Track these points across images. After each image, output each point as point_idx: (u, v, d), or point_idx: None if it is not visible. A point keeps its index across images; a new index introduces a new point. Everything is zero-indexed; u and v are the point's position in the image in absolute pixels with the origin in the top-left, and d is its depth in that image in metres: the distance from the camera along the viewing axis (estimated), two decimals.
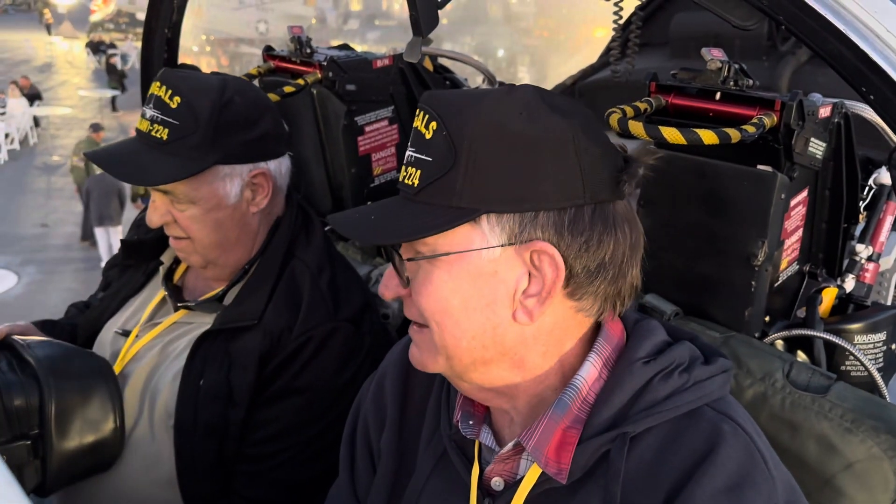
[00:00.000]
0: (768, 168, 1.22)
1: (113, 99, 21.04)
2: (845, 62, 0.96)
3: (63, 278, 10.62)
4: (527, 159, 0.87)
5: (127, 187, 10.97)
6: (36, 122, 17.83)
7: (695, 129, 1.13)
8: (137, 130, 1.47)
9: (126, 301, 1.73)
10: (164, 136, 1.41)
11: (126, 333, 1.63)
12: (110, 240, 10.86)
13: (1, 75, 21.94)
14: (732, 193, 1.25)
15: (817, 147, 1.28)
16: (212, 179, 1.47)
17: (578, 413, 0.93)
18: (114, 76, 22.61)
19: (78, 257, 11.18)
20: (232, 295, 1.56)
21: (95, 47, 27.45)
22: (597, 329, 0.99)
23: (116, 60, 23.60)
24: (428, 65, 2.07)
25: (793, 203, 1.29)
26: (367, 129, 1.93)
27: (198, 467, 1.45)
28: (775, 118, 1.18)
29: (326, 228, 2.06)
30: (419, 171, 0.90)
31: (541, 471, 0.94)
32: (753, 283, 1.27)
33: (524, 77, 17.82)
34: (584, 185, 0.89)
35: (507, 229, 0.89)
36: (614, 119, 1.19)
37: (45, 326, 1.76)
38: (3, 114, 16.54)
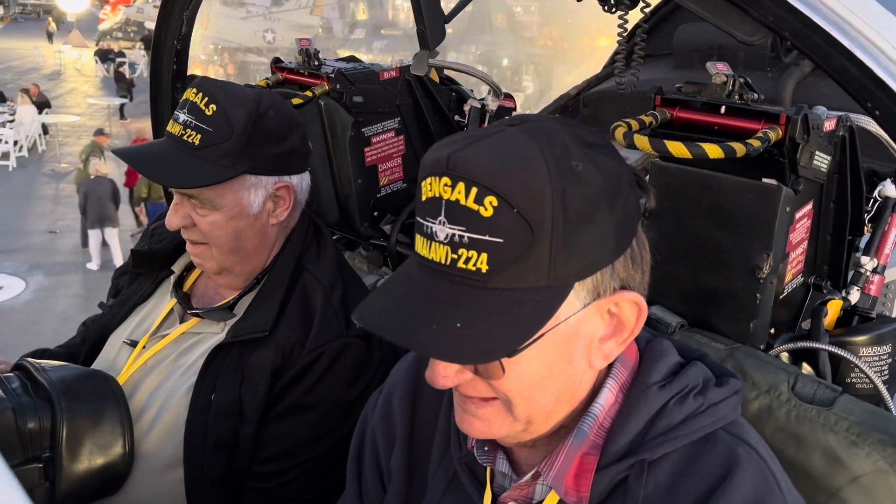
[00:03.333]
0: (773, 181, 1.23)
1: (121, 107, 21.15)
2: (850, 77, 0.97)
3: (70, 284, 10.66)
4: (601, 216, 0.82)
5: (123, 192, 11.09)
6: (44, 129, 17.93)
7: (700, 144, 1.14)
8: (168, 133, 1.49)
9: (134, 309, 1.74)
10: (197, 142, 1.43)
11: (133, 343, 1.64)
12: (106, 239, 10.97)
13: (10, 83, 22.07)
14: (737, 206, 1.26)
15: (822, 160, 1.28)
16: (238, 188, 1.48)
17: (595, 439, 0.94)
18: (122, 84, 22.74)
19: (84, 263, 11.22)
20: (243, 305, 1.57)
21: (104, 55, 27.62)
22: None
23: (125, 69, 23.74)
24: (434, 76, 2.08)
25: (798, 216, 1.29)
26: (374, 140, 1.94)
27: (206, 483, 1.46)
28: (780, 132, 1.19)
29: (335, 237, 2.08)
30: (485, 255, 0.79)
31: (558, 498, 0.94)
32: (758, 295, 1.27)
33: (529, 87, 17.86)
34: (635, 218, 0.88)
35: (590, 289, 0.85)
36: (620, 132, 1.20)
37: (36, 356, 1.76)
38: (12, 121, 16.64)
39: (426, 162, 0.85)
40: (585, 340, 0.88)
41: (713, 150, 1.13)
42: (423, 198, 0.84)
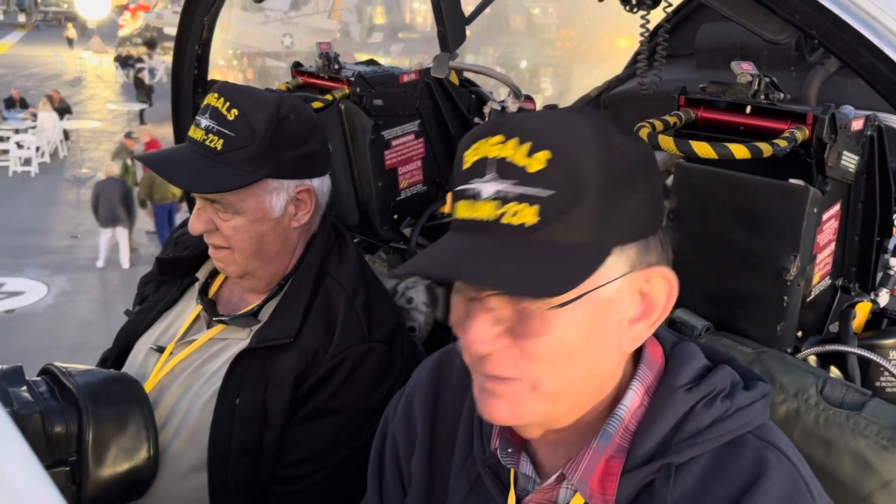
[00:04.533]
0: (800, 182, 1.21)
1: (141, 112, 21.36)
2: (879, 76, 0.96)
3: (91, 289, 10.78)
4: (639, 183, 0.85)
5: (133, 192, 11.29)
6: (66, 135, 18.14)
7: (726, 144, 1.12)
8: (190, 138, 1.50)
9: (160, 315, 1.75)
10: (219, 147, 1.44)
11: (160, 350, 1.65)
12: (117, 238, 11.19)
13: (32, 90, 22.37)
14: (764, 208, 1.24)
15: (850, 160, 1.27)
16: (260, 192, 1.49)
17: (620, 442, 0.93)
18: (142, 90, 22.97)
19: (106, 268, 11.34)
20: (268, 311, 1.57)
21: (124, 61, 27.92)
22: (637, 352, 0.97)
23: (144, 74, 23.98)
24: (454, 79, 2.08)
25: (825, 217, 1.27)
26: (394, 143, 1.94)
27: (231, 488, 1.46)
28: (807, 132, 1.17)
29: (355, 240, 2.08)
30: (535, 208, 0.80)
31: (583, 501, 0.93)
32: (785, 297, 1.25)
33: (547, 89, 17.81)
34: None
35: (627, 259, 0.86)
36: (644, 133, 1.19)
37: None
38: (34, 127, 16.86)
39: (468, 135, 0.88)
40: (617, 318, 0.88)
41: (739, 151, 1.11)
42: (468, 163, 0.86)
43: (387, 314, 1.60)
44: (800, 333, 1.32)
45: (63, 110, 18.55)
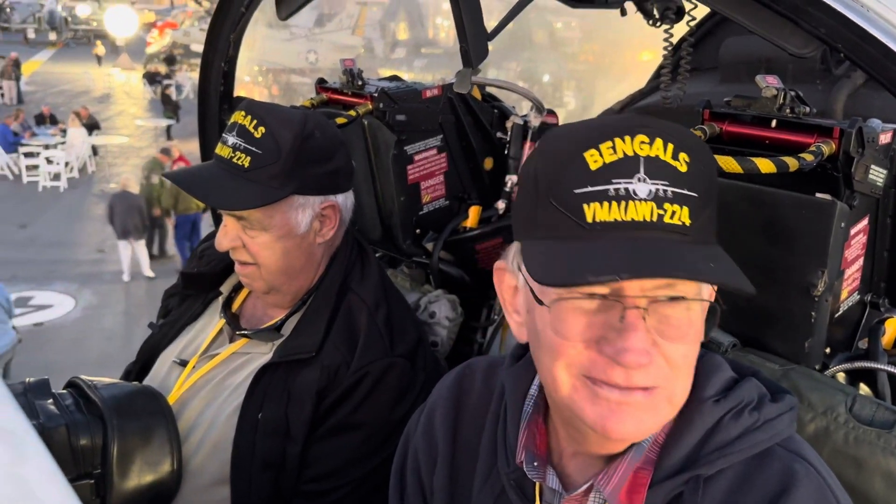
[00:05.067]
0: (827, 196, 1.19)
1: (168, 128, 21.66)
2: None
3: (118, 302, 10.90)
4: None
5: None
6: (94, 150, 18.43)
7: (751, 158, 1.11)
8: (217, 156, 1.51)
9: (184, 329, 1.77)
10: (246, 164, 1.45)
11: (183, 363, 1.66)
12: (136, 254, 11.39)
13: (62, 106, 22.77)
14: (791, 222, 1.23)
15: (878, 174, 1.25)
16: (286, 209, 1.50)
17: (648, 453, 0.92)
18: (169, 106, 23.29)
19: (136, 283, 11.49)
20: (290, 325, 1.58)
21: (151, 78, 28.34)
22: None
23: (171, 91, 24.32)
24: (476, 94, 2.09)
25: (853, 232, 1.25)
26: (417, 157, 1.95)
27: (253, 502, 1.46)
28: (834, 146, 1.16)
29: (378, 255, 2.08)
30: (686, 209, 0.82)
31: None
32: (813, 313, 1.23)
33: (570, 102, 17.80)
34: None
35: None
36: None
37: None
38: (63, 143, 17.15)
39: (576, 135, 0.86)
40: None
41: (765, 165, 1.10)
42: (605, 161, 0.83)
43: (409, 329, 1.60)
44: (828, 350, 1.30)
45: (91, 126, 18.85)
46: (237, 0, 1.83)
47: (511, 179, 2.05)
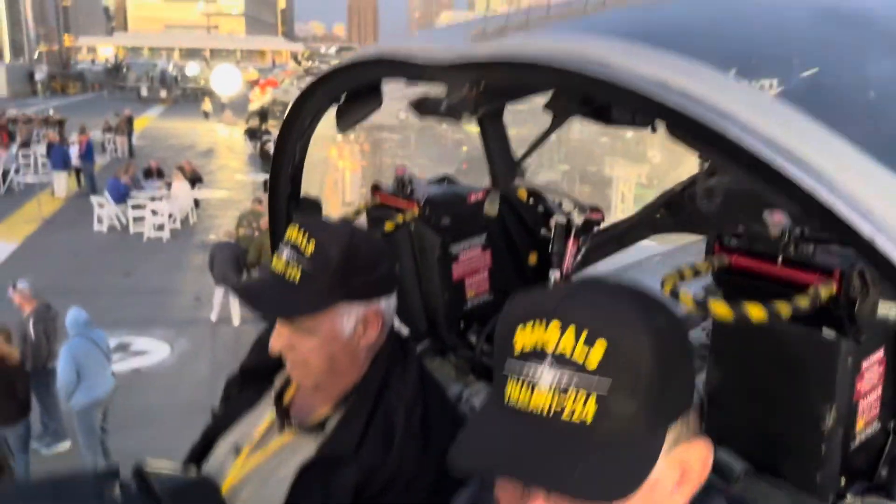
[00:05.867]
0: (832, 333, 1.22)
1: (265, 182, 22.67)
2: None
3: (212, 350, 11.41)
4: (684, 363, 0.91)
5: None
6: (196, 203, 19.50)
7: (745, 305, 1.16)
8: (272, 270, 1.66)
9: (241, 415, 1.91)
10: (297, 278, 1.60)
11: (238, 450, 1.80)
12: (229, 301, 11.95)
13: (169, 159, 24.23)
14: (799, 356, 1.26)
15: (889, 308, 1.26)
16: (332, 316, 1.63)
17: None
18: (267, 161, 24.37)
19: (226, 331, 12.01)
20: (333, 423, 1.69)
21: (252, 134, 29.88)
22: None
23: (269, 146, 25.54)
24: (522, 194, 2.19)
25: (865, 364, 1.27)
26: (462, 256, 2.06)
27: None
28: (835, 287, 1.19)
29: (425, 346, 2.18)
30: (592, 403, 0.82)
31: None
32: (823, 446, 1.25)
33: (655, 156, 17.61)
34: None
35: (674, 436, 0.89)
36: (668, 285, 1.24)
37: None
38: (168, 196, 18.25)
39: (517, 311, 0.88)
40: (661, 492, 0.89)
41: (756, 312, 1.15)
42: (519, 347, 0.86)
43: (445, 428, 1.68)
44: (844, 480, 1.30)
45: (194, 180, 19.98)
46: (302, 116, 2.02)
47: (554, 275, 2.12)
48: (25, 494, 1.56)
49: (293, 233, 1.63)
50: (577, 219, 2.14)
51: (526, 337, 0.86)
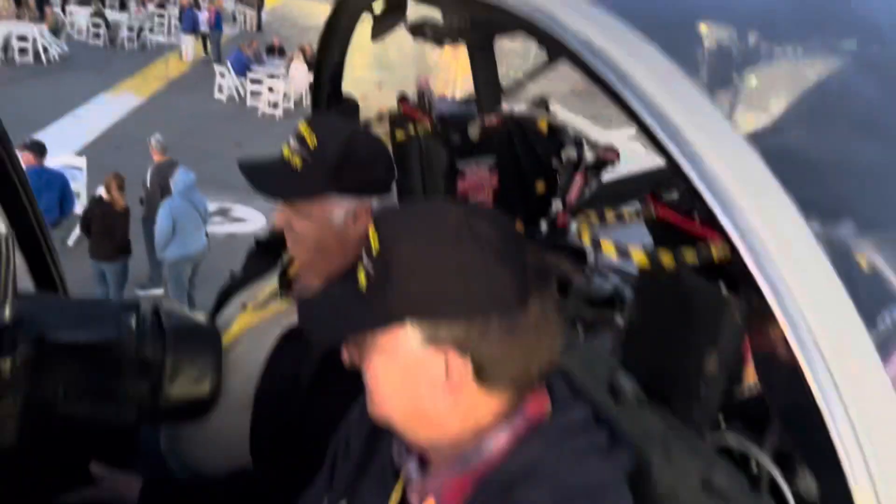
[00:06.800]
0: (724, 288, 1.32)
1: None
2: None
3: None
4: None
5: None
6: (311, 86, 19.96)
7: (636, 250, 1.28)
8: (280, 157, 1.89)
9: (254, 279, 2.21)
10: (298, 167, 1.82)
11: (244, 307, 2.10)
12: None
13: (293, 38, 24.64)
14: (697, 304, 1.35)
15: None
16: (324, 204, 1.84)
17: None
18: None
19: None
20: None
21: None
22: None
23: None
24: (543, 125, 2.30)
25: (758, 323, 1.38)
26: (468, 174, 2.22)
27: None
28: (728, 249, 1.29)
29: None
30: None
31: None
32: (702, 386, 1.38)
33: None
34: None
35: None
36: (584, 233, 1.37)
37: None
38: (285, 76, 18.78)
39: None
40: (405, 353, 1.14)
41: (638, 257, 1.27)
42: None
43: None
44: (725, 422, 1.44)
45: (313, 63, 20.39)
46: (341, 19, 2.20)
47: (556, 205, 2.27)
48: (55, 307, 1.92)
49: (303, 127, 1.85)
50: (589, 154, 2.26)
51: None
